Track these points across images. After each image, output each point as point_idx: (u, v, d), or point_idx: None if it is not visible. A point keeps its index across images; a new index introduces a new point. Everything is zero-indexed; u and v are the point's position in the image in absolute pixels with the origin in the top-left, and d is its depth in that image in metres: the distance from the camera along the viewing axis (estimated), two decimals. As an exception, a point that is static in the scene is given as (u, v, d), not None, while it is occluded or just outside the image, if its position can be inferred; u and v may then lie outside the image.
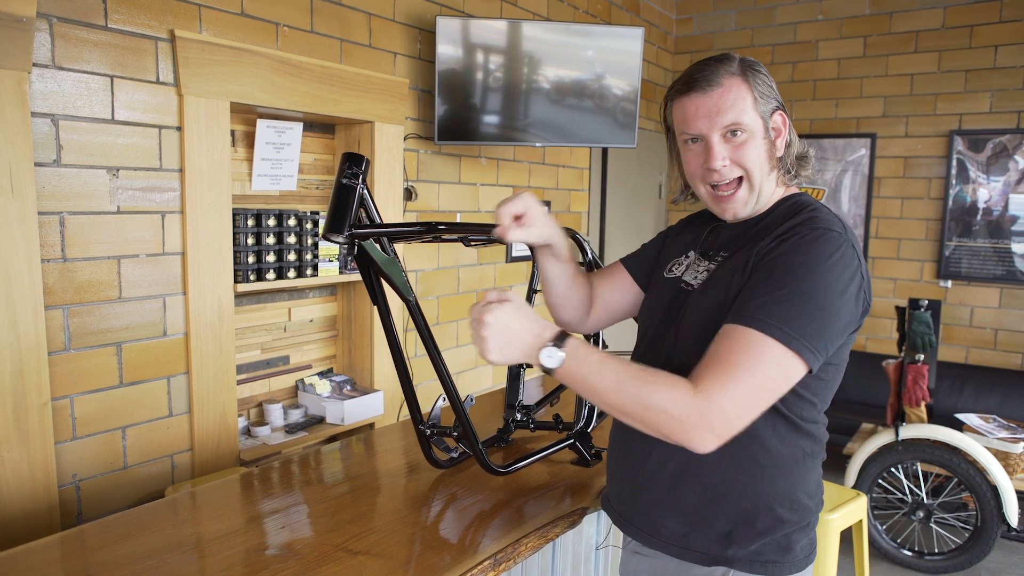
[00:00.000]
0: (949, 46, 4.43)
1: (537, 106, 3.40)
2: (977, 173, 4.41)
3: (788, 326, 1.08)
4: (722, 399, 1.05)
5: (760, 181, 1.25)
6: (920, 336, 3.49)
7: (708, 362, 1.10)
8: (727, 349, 1.09)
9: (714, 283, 1.24)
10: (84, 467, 2.18)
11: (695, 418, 1.05)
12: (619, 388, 1.09)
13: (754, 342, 1.08)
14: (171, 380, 2.37)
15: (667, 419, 1.06)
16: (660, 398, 1.06)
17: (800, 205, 1.27)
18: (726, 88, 1.22)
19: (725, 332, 1.12)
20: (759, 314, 1.09)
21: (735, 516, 1.22)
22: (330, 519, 1.47)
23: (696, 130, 1.24)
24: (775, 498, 1.21)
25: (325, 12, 2.76)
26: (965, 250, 4.47)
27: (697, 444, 1.07)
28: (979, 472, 3.21)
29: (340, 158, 1.37)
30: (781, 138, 1.28)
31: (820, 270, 1.11)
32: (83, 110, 2.09)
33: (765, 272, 1.14)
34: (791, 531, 1.24)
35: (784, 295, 1.10)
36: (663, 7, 5.13)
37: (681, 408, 1.06)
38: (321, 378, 3.04)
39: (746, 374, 1.06)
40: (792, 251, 1.14)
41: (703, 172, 1.26)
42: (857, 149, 4.74)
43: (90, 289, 2.15)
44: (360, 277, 2.54)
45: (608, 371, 1.10)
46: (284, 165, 2.78)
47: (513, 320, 1.14)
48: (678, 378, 1.08)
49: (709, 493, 1.22)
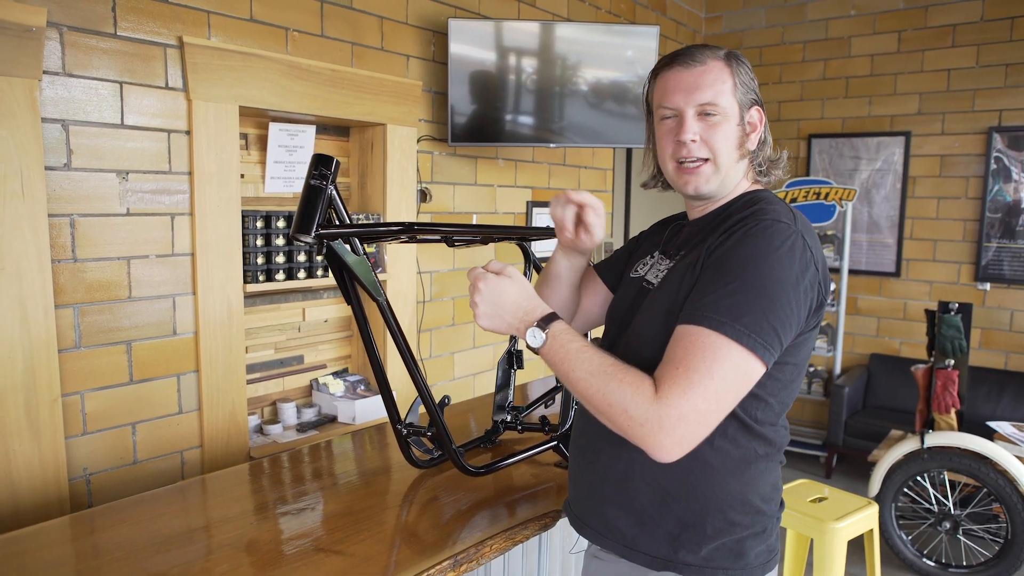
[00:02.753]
0: (988, 39, 4.27)
1: (555, 107, 3.39)
2: (1019, 172, 4.24)
3: (739, 323, 1.06)
4: (681, 405, 1.04)
5: (727, 165, 1.26)
6: (950, 340, 3.38)
7: (665, 365, 1.09)
8: (683, 351, 1.08)
9: (666, 281, 1.23)
10: (94, 461, 2.25)
11: (654, 424, 1.04)
12: (588, 379, 1.11)
13: (708, 342, 1.06)
14: (181, 378, 2.43)
15: (628, 420, 1.07)
16: (623, 396, 1.07)
17: (755, 199, 1.26)
18: (708, 68, 1.24)
19: (679, 333, 1.10)
20: (710, 312, 1.08)
21: (684, 518, 1.20)
22: (299, 517, 1.49)
23: (672, 103, 1.25)
24: (725, 500, 1.19)
25: (335, 16, 2.80)
26: (1006, 252, 4.31)
27: (657, 451, 1.06)
28: (1009, 483, 3.08)
29: (310, 159, 1.38)
30: (756, 133, 1.29)
31: (769, 262, 1.10)
32: (93, 115, 2.16)
33: (714, 267, 1.13)
34: (744, 536, 1.21)
35: (734, 289, 1.08)
36: (691, 5, 5.06)
37: (641, 411, 1.05)
38: (335, 378, 3.08)
39: (704, 377, 1.05)
40: (739, 244, 1.13)
41: (674, 147, 1.27)
42: (891, 148, 4.60)
43: (100, 289, 2.22)
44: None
45: (583, 360, 1.12)
46: (297, 167, 2.83)
47: (506, 293, 1.20)
48: (644, 379, 1.08)
49: (657, 493, 1.21)
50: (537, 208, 3.89)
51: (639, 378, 1.08)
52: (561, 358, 1.14)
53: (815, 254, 1.15)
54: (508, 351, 1.95)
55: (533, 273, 2.04)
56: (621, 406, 1.06)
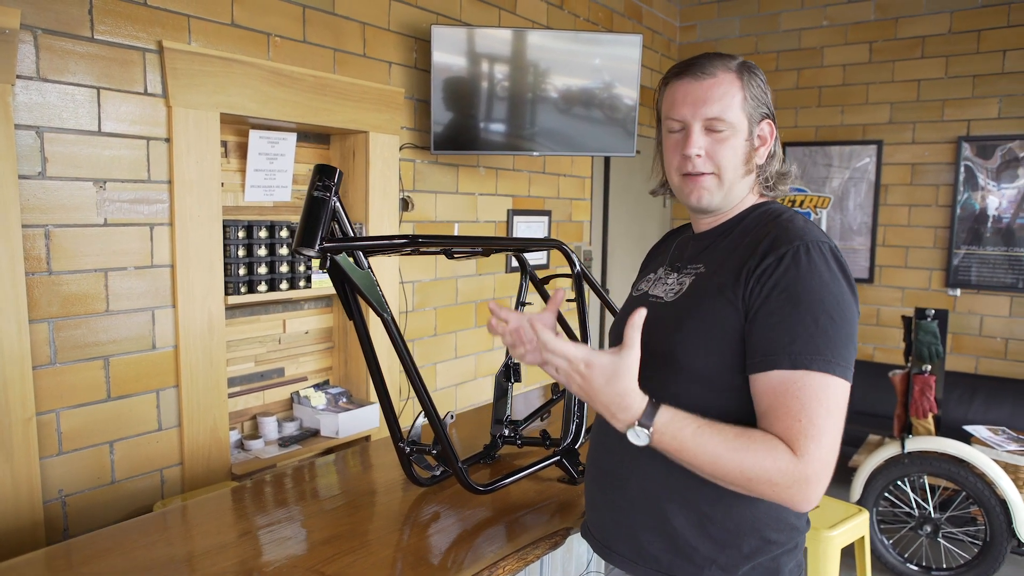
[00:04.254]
0: (956, 51, 4.37)
1: (537, 115, 3.37)
2: (986, 180, 4.34)
3: (837, 358, 1.08)
4: (822, 456, 1.05)
5: (731, 181, 1.24)
6: (927, 346, 3.42)
7: (786, 418, 1.07)
8: (798, 402, 1.06)
9: (697, 299, 1.21)
10: (70, 482, 2.16)
11: (802, 483, 1.04)
12: (716, 462, 1.06)
13: (819, 385, 1.07)
14: (160, 393, 2.35)
15: (772, 487, 1.05)
16: (762, 467, 1.05)
17: (772, 213, 1.25)
18: (718, 80, 1.22)
19: (785, 381, 1.08)
20: (812, 354, 1.07)
21: (721, 539, 1.18)
22: (306, 539, 1.43)
23: (680, 115, 1.23)
24: (761, 520, 1.18)
25: (318, 22, 2.74)
26: (975, 258, 4.40)
27: (804, 504, 1.07)
28: (988, 486, 3.13)
29: (312, 169, 1.34)
30: (765, 147, 1.27)
31: (835, 288, 1.11)
32: (69, 122, 2.07)
33: (789, 303, 1.10)
34: (778, 553, 1.20)
35: (823, 327, 1.08)
36: (666, 14, 5.09)
37: (787, 476, 1.04)
38: (316, 390, 3.01)
39: (827, 422, 1.06)
40: (806, 275, 1.11)
41: (679, 160, 1.25)
42: (863, 156, 4.67)
43: (76, 302, 2.13)
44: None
45: (703, 444, 1.07)
46: (277, 176, 2.76)
47: (596, 392, 1.08)
48: (774, 442, 1.06)
49: (694, 517, 1.19)
50: (518, 216, 3.86)
51: (768, 442, 1.06)
52: (676, 448, 1.08)
53: (847, 263, 1.17)
54: (505, 364, 1.92)
55: (529, 284, 2.01)
56: (764, 478, 1.05)
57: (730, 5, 5.06)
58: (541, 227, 4.05)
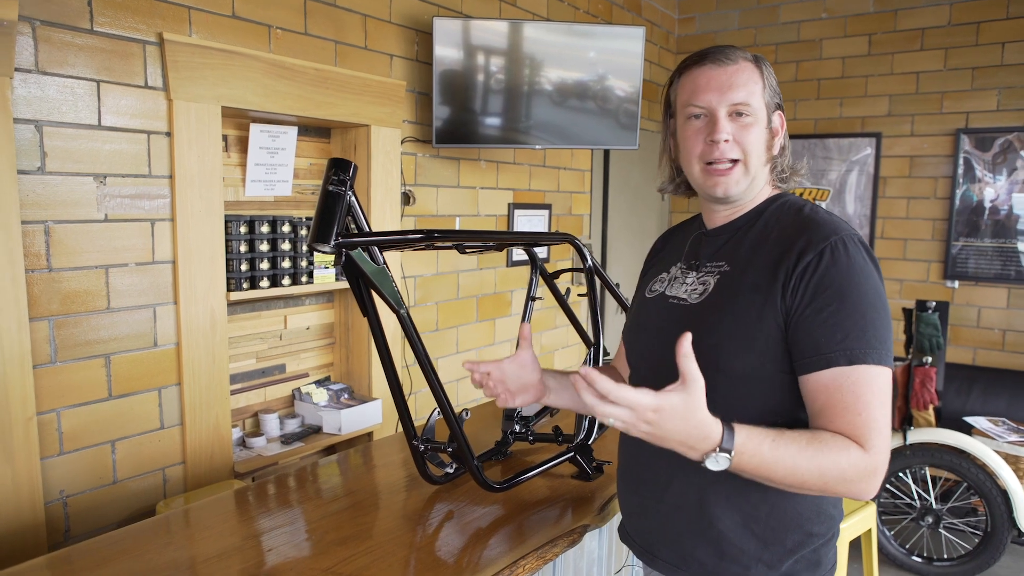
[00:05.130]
0: (955, 43, 4.36)
1: (538, 108, 3.34)
2: (984, 172, 4.34)
3: (884, 347, 1.10)
4: (883, 445, 1.08)
5: (756, 168, 1.23)
6: (928, 338, 3.43)
7: (848, 414, 1.07)
8: (854, 397, 1.07)
9: (730, 299, 1.18)
10: (72, 483, 2.12)
11: (872, 475, 1.07)
12: (794, 473, 1.05)
13: (872, 378, 1.08)
14: (162, 392, 2.32)
15: (846, 484, 1.07)
16: (840, 468, 1.05)
17: (792, 206, 1.25)
18: (740, 67, 1.21)
19: (839, 378, 1.08)
20: (864, 347, 1.08)
21: (765, 536, 1.18)
22: (320, 540, 1.41)
23: (704, 102, 1.21)
24: (804, 514, 1.18)
25: (319, 13, 2.70)
26: (972, 250, 4.40)
27: (870, 494, 1.09)
28: (989, 476, 3.14)
29: (327, 163, 1.31)
30: (778, 138, 1.27)
31: (875, 279, 1.13)
32: (68, 116, 2.03)
33: (835, 299, 1.10)
34: (819, 545, 1.21)
35: (871, 319, 1.10)
36: (665, 6, 5.07)
37: (859, 472, 1.06)
38: (318, 387, 2.98)
39: (884, 412, 1.08)
40: (848, 269, 1.11)
41: (703, 147, 1.22)
42: (862, 148, 4.67)
43: (77, 299, 2.10)
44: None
45: (782, 458, 1.05)
46: (279, 170, 2.73)
47: (672, 432, 1.01)
48: (844, 441, 1.07)
49: (738, 518, 1.18)
50: (519, 210, 3.84)
51: (838, 441, 1.06)
52: (756, 466, 1.05)
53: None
54: (516, 359, 1.90)
55: (539, 278, 1.98)
56: (840, 477, 1.06)
57: (728, -3, 5.04)
58: (542, 221, 4.02)
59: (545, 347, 4.20)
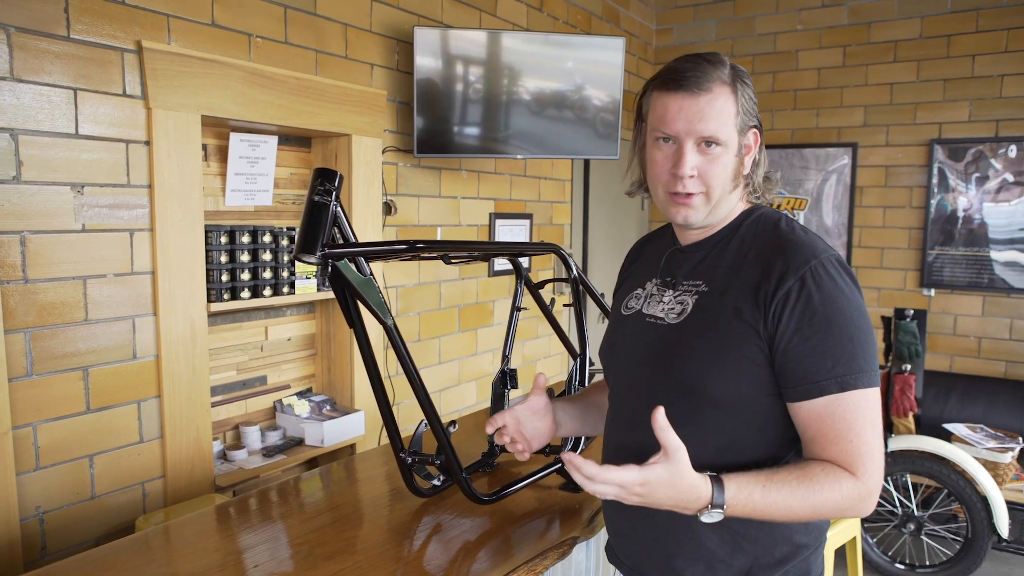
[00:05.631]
0: (927, 55, 4.44)
1: (518, 118, 3.34)
2: (957, 181, 4.41)
3: (870, 368, 1.11)
4: (876, 467, 1.09)
5: (719, 198, 1.21)
6: (906, 346, 3.47)
7: (840, 442, 1.08)
8: (845, 424, 1.08)
9: (709, 322, 1.17)
10: (48, 498, 2.08)
11: (866, 498, 1.09)
12: (789, 512, 1.08)
13: (861, 402, 1.09)
14: (141, 404, 2.28)
15: (840, 511, 1.09)
16: (833, 501, 1.07)
17: (767, 222, 1.24)
18: (714, 96, 1.16)
19: (830, 406, 1.09)
20: (853, 372, 1.09)
21: (755, 552, 1.18)
22: (307, 556, 1.39)
23: (673, 131, 1.17)
24: (792, 527, 1.19)
25: (299, 22, 2.69)
26: (947, 258, 4.47)
27: (866, 512, 1.12)
28: (969, 483, 3.18)
29: (312, 173, 1.29)
30: (749, 155, 1.23)
31: (857, 299, 1.13)
32: (44, 124, 2.00)
33: (823, 326, 1.10)
34: (808, 555, 1.21)
35: (858, 343, 1.10)
36: (643, 17, 5.11)
37: (852, 499, 1.08)
38: (300, 398, 2.95)
39: (874, 435, 1.09)
40: (830, 296, 1.11)
41: (667, 178, 1.20)
42: (839, 158, 4.73)
43: (54, 311, 2.05)
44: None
45: (775, 502, 1.07)
46: (259, 180, 2.70)
47: (662, 500, 1.05)
48: (835, 472, 1.08)
49: (727, 537, 1.18)
50: (500, 220, 3.83)
51: (829, 474, 1.07)
52: (747, 513, 1.07)
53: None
54: (501, 370, 1.89)
55: (524, 289, 1.98)
56: (834, 508, 1.08)
57: (706, 8, 5.09)
58: (523, 230, 4.02)
59: (527, 356, 4.19)
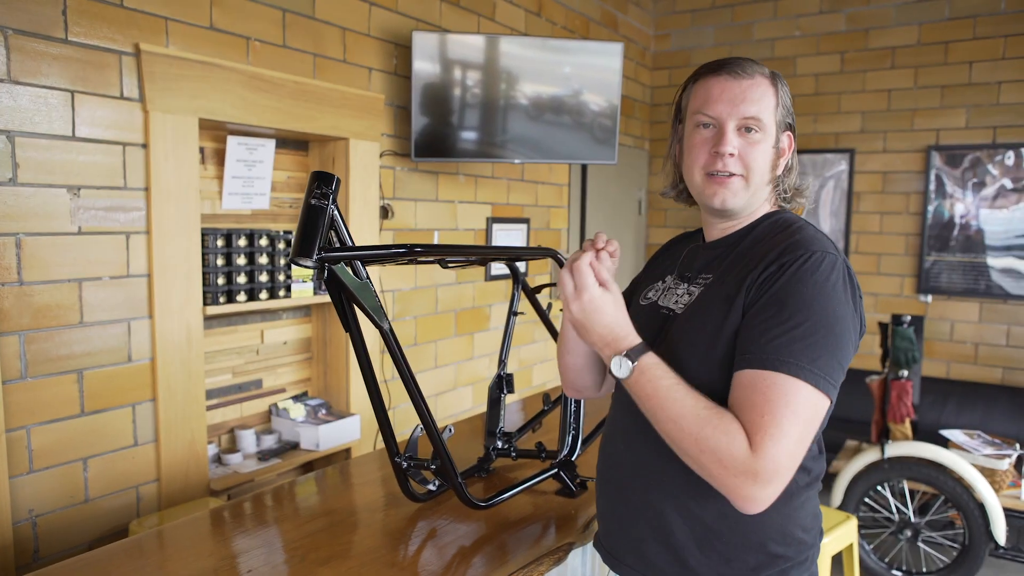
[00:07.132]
0: (925, 62, 4.45)
1: (515, 122, 3.35)
2: (954, 188, 4.42)
3: (814, 366, 1.04)
4: (777, 457, 1.01)
5: (757, 185, 1.21)
6: (903, 352, 3.46)
7: (747, 412, 1.04)
8: (762, 398, 1.03)
9: (703, 309, 1.18)
10: (42, 502, 2.07)
11: (750, 477, 1.01)
12: (679, 421, 1.06)
13: (788, 388, 1.03)
14: (136, 408, 2.27)
15: (721, 469, 1.03)
16: (717, 444, 1.03)
17: (784, 223, 1.23)
18: (756, 82, 1.20)
19: (753, 378, 1.05)
20: (785, 356, 1.04)
21: (726, 554, 1.16)
22: (302, 560, 1.38)
23: (715, 112, 1.20)
24: (767, 534, 1.16)
25: (298, 26, 2.69)
26: (944, 265, 4.47)
27: (749, 503, 1.03)
28: (966, 489, 3.17)
29: (309, 176, 1.29)
30: (784, 158, 1.25)
31: (832, 299, 1.08)
32: (42, 126, 1.99)
33: (775, 305, 1.08)
34: (787, 567, 1.18)
35: (804, 332, 1.05)
36: (641, 23, 5.12)
37: (737, 463, 1.02)
38: (295, 402, 2.94)
39: (792, 426, 1.02)
40: (799, 281, 1.08)
41: (707, 158, 1.21)
42: (836, 164, 4.74)
43: (49, 314, 2.05)
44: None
45: (673, 400, 1.07)
46: (256, 183, 2.70)
47: (602, 312, 1.13)
48: (737, 427, 1.03)
49: (698, 530, 1.16)
50: (497, 224, 3.83)
51: (731, 424, 1.03)
52: (648, 394, 1.08)
53: (856, 280, 1.14)
54: (498, 375, 1.88)
55: (520, 293, 1.97)
56: (715, 454, 1.03)
57: (704, 14, 5.10)
58: (520, 235, 4.02)
59: (524, 361, 4.19)
